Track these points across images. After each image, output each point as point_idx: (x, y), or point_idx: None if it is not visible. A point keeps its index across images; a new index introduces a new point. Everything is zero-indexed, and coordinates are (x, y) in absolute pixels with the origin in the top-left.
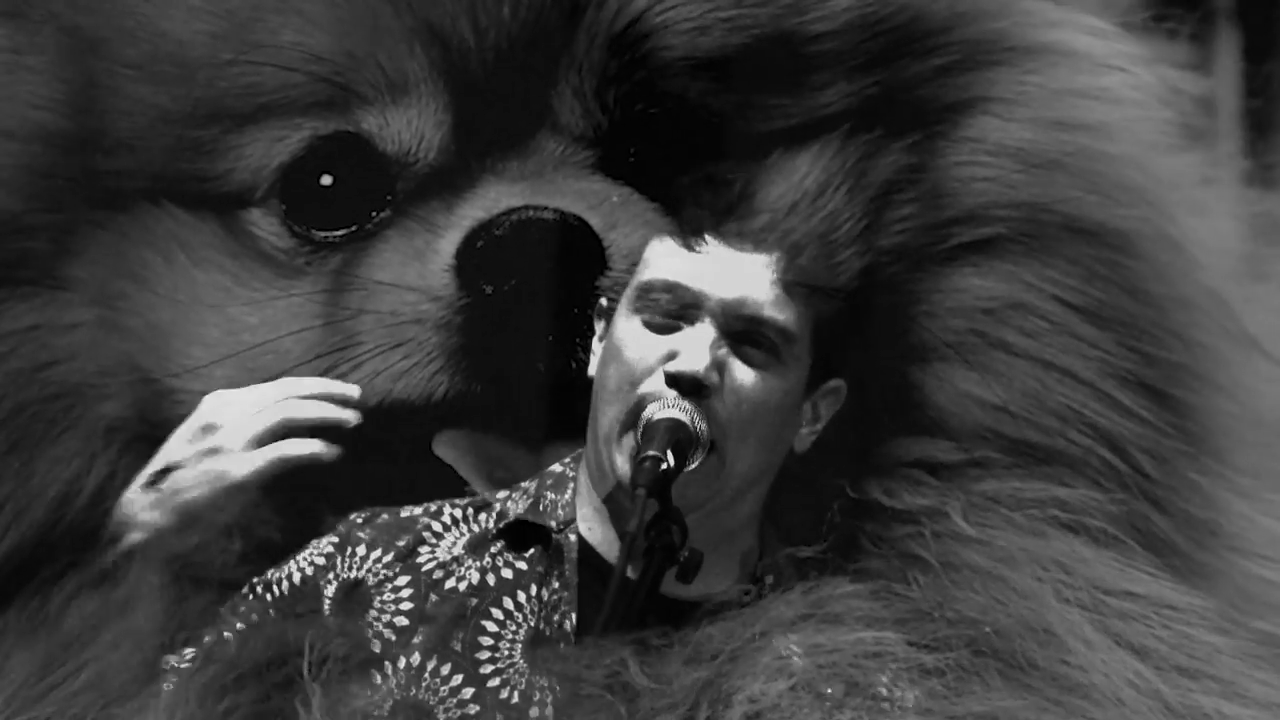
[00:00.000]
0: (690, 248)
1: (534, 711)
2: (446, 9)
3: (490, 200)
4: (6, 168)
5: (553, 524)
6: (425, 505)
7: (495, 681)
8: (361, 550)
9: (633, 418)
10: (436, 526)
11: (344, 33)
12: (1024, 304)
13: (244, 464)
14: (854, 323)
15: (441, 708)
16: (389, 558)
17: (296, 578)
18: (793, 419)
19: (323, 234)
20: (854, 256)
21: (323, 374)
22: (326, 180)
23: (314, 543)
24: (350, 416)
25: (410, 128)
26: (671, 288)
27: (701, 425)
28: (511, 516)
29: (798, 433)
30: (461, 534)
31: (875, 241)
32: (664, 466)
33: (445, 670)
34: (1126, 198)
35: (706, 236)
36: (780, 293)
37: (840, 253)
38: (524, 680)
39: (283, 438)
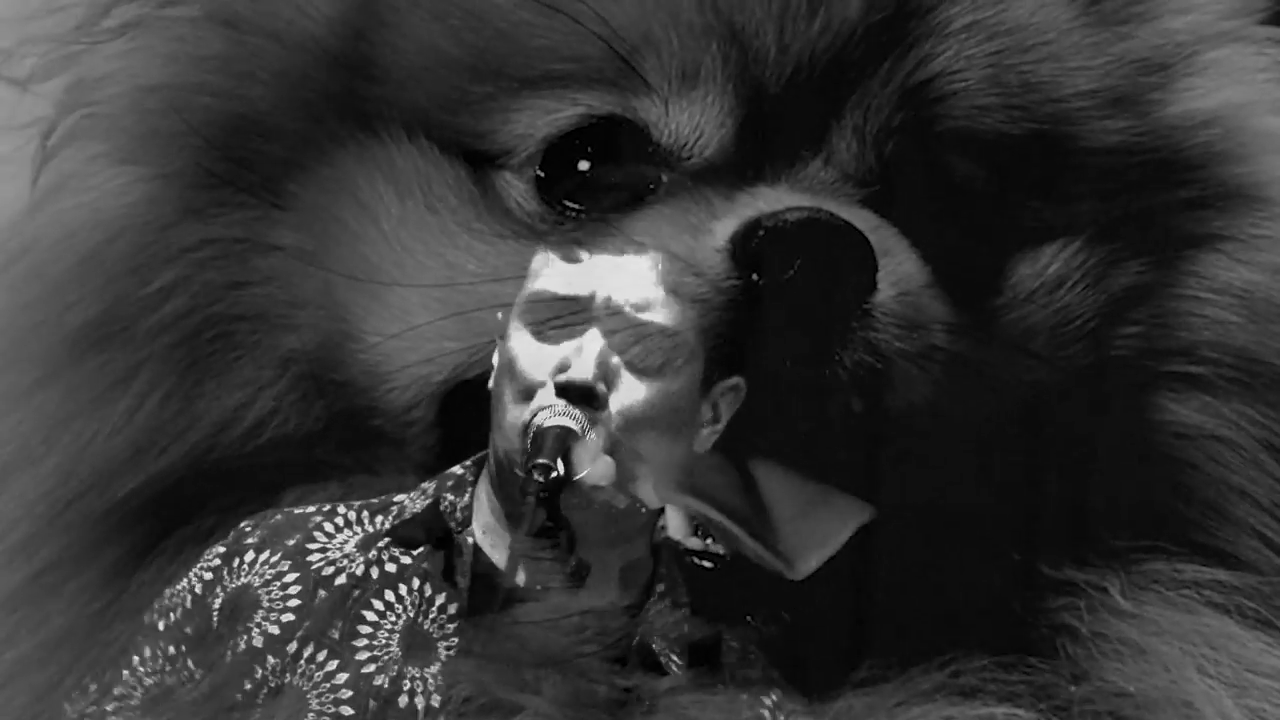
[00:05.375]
0: (573, 259)
1: (403, 700)
2: (754, 13)
3: (771, 200)
4: (265, 69)
5: (452, 525)
6: (319, 506)
7: (370, 668)
8: (249, 556)
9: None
10: (329, 527)
11: (645, 14)
12: (1219, 437)
13: None
14: (747, 317)
15: (315, 693)
16: (277, 557)
17: (188, 602)
18: (690, 420)
19: (575, 207)
20: (1082, 353)
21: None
22: (584, 165)
23: (206, 553)
24: None
25: (691, 122)
26: (557, 298)
27: (591, 434)
28: (408, 515)
29: (697, 434)
30: (354, 533)
31: (1102, 350)
32: (554, 474)
33: (321, 657)
34: None
35: (588, 247)
36: (664, 293)
37: (1070, 347)
38: (396, 669)
39: None
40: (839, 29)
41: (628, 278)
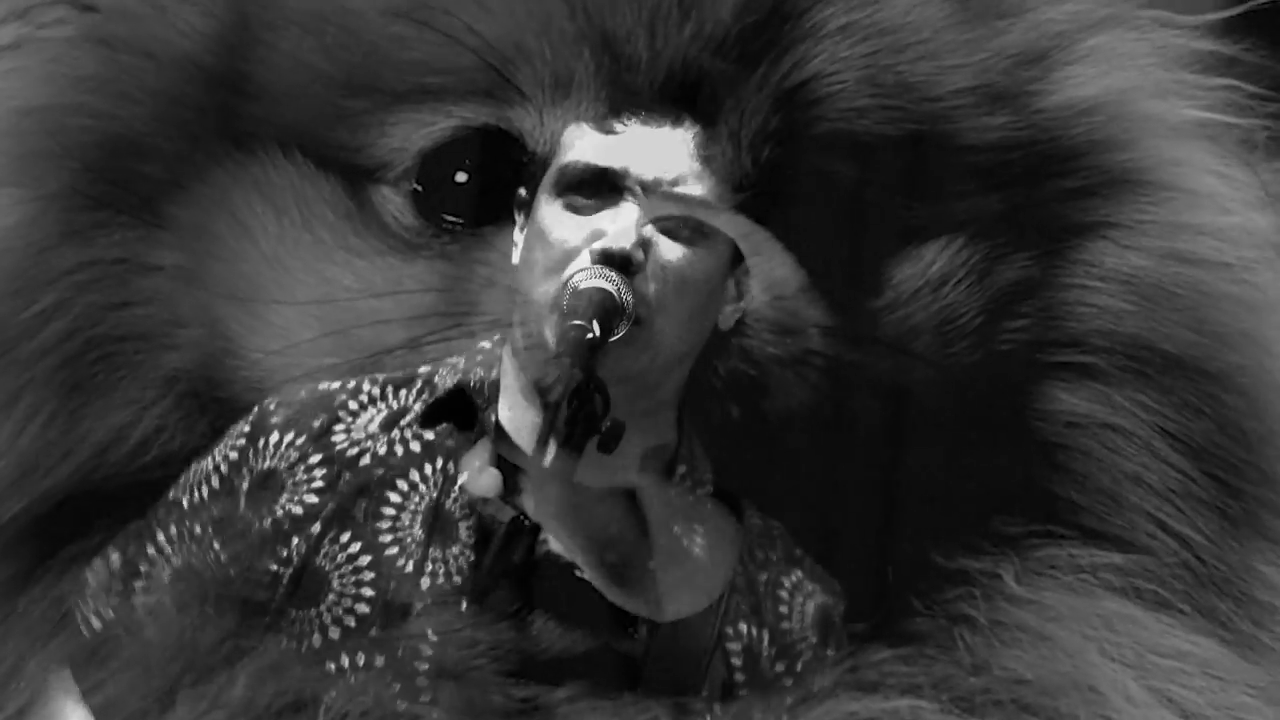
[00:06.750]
0: (608, 130)
1: (425, 582)
2: (625, 19)
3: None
4: (140, 89)
5: (479, 401)
6: (343, 381)
7: (393, 550)
8: (274, 437)
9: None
10: (353, 405)
11: (516, 24)
12: (1111, 425)
13: None
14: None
15: (337, 574)
16: (301, 439)
17: (215, 481)
18: (718, 295)
19: (453, 220)
20: (967, 350)
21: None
22: (461, 177)
23: (230, 431)
24: None
25: (565, 130)
26: (592, 168)
27: (628, 296)
28: (440, 391)
29: (722, 310)
30: (379, 410)
31: (989, 345)
32: (589, 336)
33: (345, 538)
34: (1232, 340)
35: (623, 118)
36: (700, 166)
37: (956, 344)
38: (420, 550)
39: None
40: (711, 34)
41: (663, 151)
